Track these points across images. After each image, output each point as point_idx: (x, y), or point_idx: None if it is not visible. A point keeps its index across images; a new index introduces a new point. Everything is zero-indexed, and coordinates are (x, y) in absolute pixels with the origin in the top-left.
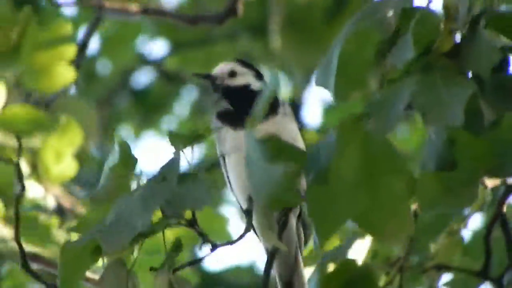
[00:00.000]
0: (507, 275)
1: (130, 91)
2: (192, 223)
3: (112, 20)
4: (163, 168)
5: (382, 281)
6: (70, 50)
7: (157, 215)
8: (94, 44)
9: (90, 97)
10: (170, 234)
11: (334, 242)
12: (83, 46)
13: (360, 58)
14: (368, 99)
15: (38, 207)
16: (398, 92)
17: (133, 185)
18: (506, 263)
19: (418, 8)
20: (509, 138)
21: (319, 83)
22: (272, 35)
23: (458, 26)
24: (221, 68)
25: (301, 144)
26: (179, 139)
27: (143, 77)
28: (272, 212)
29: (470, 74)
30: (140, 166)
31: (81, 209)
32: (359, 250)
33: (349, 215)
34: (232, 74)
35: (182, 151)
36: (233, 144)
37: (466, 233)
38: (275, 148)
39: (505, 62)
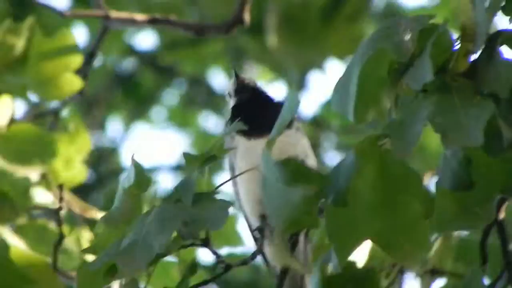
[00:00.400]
0: (500, 282)
1: (120, 82)
2: (206, 243)
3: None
4: (177, 188)
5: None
6: (76, 60)
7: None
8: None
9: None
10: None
11: None
12: (90, 55)
13: (376, 78)
14: (385, 120)
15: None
16: (415, 113)
17: (147, 206)
18: (499, 269)
19: (435, 28)
20: None
21: (337, 107)
22: (268, 33)
23: (475, 47)
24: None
25: (313, 160)
26: (193, 160)
27: (133, 68)
28: (287, 234)
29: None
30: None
31: (91, 215)
32: (360, 253)
33: (367, 235)
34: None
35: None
36: (245, 155)
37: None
38: (294, 170)
39: None
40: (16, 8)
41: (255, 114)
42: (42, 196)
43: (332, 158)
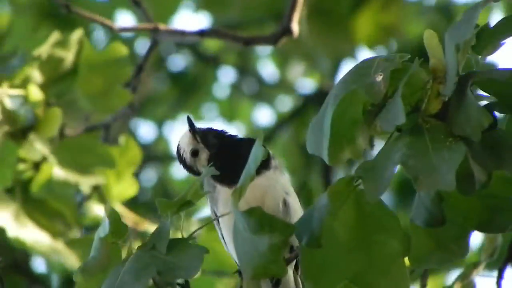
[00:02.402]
0: None
1: (166, 74)
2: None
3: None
4: (152, 235)
5: None
6: (126, 72)
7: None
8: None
9: None
10: None
11: None
12: (139, 68)
13: (350, 118)
14: (359, 162)
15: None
16: (388, 155)
17: (124, 254)
18: None
19: (407, 68)
20: (498, 195)
21: (311, 149)
22: (298, 23)
23: (446, 90)
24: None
25: (294, 196)
26: (168, 206)
27: (179, 60)
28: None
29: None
30: None
31: (144, 227)
32: None
33: (344, 276)
34: (194, 153)
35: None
36: (227, 203)
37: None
38: (259, 219)
39: (493, 120)
40: (63, 22)
41: (232, 160)
42: (94, 210)
43: None
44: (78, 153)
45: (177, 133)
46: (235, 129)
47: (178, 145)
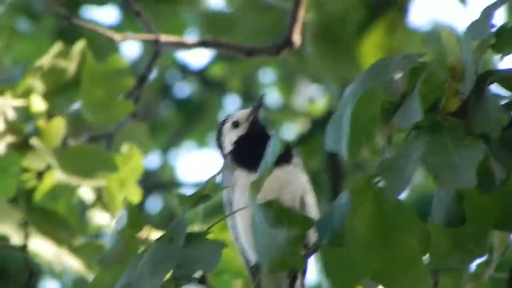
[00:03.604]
0: None
1: (172, 101)
2: (203, 282)
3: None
4: (170, 228)
5: None
6: (128, 83)
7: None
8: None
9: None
10: None
11: None
12: (141, 79)
13: (368, 116)
14: (379, 160)
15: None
16: (408, 153)
17: (142, 247)
18: None
19: (426, 66)
20: None
21: (331, 145)
22: (306, 46)
23: (464, 88)
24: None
25: (311, 196)
26: (186, 200)
27: (185, 87)
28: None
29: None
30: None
31: (147, 234)
32: None
33: (364, 274)
34: (235, 124)
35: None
36: (245, 190)
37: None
38: (277, 212)
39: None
40: (65, 32)
41: (260, 148)
42: (98, 219)
43: None
44: (81, 161)
45: (182, 160)
46: None
47: (231, 114)
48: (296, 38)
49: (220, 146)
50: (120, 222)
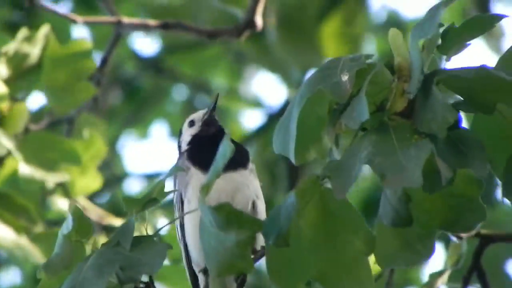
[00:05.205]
0: None
1: (121, 87)
2: (149, 286)
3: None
4: (117, 232)
5: None
6: (90, 67)
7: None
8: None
9: None
10: None
11: None
12: (103, 62)
13: (315, 118)
14: (326, 161)
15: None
16: (355, 154)
17: (88, 251)
18: None
19: (372, 67)
20: (463, 194)
21: (278, 150)
22: (268, 35)
23: (411, 88)
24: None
25: (262, 202)
26: (133, 203)
27: (136, 74)
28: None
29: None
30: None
31: (109, 221)
32: None
33: (309, 274)
34: (191, 123)
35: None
36: (197, 190)
37: None
38: (227, 215)
39: (457, 118)
40: (24, 14)
41: (214, 147)
42: (58, 204)
43: None
44: (43, 149)
45: (129, 150)
46: None
47: (190, 116)
48: (258, 20)
49: (179, 145)
50: (66, 227)
